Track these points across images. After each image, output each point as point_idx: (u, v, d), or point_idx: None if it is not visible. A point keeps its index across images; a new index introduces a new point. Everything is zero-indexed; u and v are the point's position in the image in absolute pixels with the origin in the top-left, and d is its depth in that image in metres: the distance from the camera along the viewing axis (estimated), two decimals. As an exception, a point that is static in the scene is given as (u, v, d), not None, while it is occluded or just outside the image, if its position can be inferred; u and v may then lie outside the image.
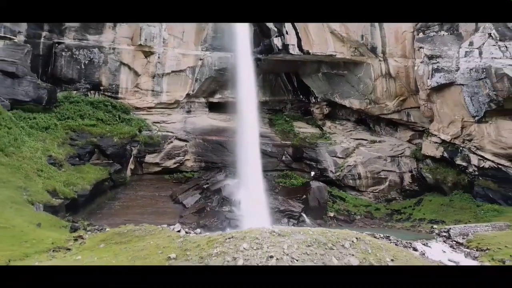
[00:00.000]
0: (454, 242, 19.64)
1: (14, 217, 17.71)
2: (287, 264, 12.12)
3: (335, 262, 12.40)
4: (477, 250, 18.27)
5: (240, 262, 11.89)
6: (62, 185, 23.61)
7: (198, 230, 19.76)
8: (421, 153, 32.22)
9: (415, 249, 17.84)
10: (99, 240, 16.61)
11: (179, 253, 13.67)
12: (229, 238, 13.75)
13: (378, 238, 17.64)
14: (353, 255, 12.99)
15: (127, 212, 26.20)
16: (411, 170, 32.94)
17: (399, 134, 35.03)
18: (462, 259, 17.53)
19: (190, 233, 18.21)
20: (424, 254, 17.51)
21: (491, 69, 25.04)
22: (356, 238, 14.38)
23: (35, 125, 26.29)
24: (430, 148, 31.21)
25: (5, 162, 21.74)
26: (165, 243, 15.24)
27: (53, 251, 15.13)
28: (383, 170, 32.95)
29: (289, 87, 39.41)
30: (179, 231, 18.09)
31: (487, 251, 17.93)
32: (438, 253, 17.91)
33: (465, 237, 20.05)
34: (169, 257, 13.47)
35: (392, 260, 13.35)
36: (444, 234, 20.71)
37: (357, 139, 35.04)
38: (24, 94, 27.00)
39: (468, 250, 18.47)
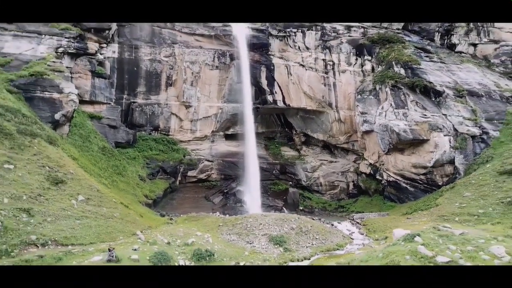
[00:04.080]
0: (355, 222, 38.74)
1: (139, 209, 36.86)
2: (267, 228, 31.13)
3: (286, 225, 31.47)
4: (362, 225, 37.37)
5: (249, 225, 31.02)
6: (148, 192, 42.87)
7: (227, 216, 38.78)
8: (359, 170, 51.23)
9: (332, 225, 36.92)
10: (183, 220, 35.87)
11: (223, 224, 32.81)
12: (244, 217, 33.01)
13: (314, 219, 36.85)
14: (294, 223, 32.11)
15: (182, 207, 45.13)
16: (353, 180, 52.05)
17: (348, 157, 53.97)
18: (354, 229, 36.50)
19: (224, 216, 37.37)
20: (336, 227, 36.53)
21: (388, 126, 43.83)
22: (298, 217, 33.62)
23: (129, 157, 45.35)
24: (364, 167, 50.23)
25: (122, 180, 40.86)
26: (215, 220, 34.48)
27: (166, 223, 34.33)
28: (336, 180, 52.16)
29: (278, 122, 58.30)
30: (219, 215, 37.36)
31: (366, 225, 37.01)
32: (343, 226, 36.91)
33: (361, 219, 39.12)
34: (219, 225, 32.61)
35: (311, 226, 32.42)
36: (351, 218, 39.94)
37: (321, 159, 54.08)
38: (121, 138, 46.13)
39: (358, 225, 37.57)
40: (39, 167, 28.82)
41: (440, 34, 53.50)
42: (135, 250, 23.99)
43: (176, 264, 23.79)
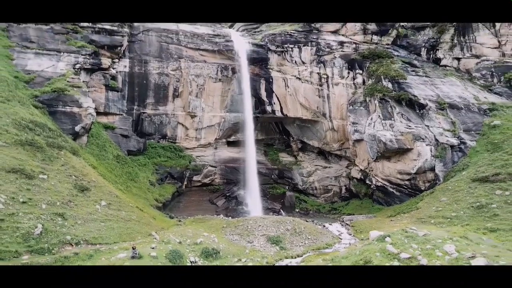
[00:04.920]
0: (344, 223, 43.06)
1: (152, 212, 41.19)
2: (265, 229, 35.48)
3: (282, 227, 35.80)
4: (350, 226, 41.69)
5: (249, 227, 35.38)
6: (158, 196, 47.23)
7: (230, 218, 43.12)
8: (351, 175, 55.56)
9: (323, 226, 41.24)
10: (191, 221, 40.23)
11: (226, 225, 37.13)
12: (245, 220, 37.36)
13: (307, 221, 41.19)
14: (289, 225, 36.44)
15: (188, 209, 49.50)
16: (345, 185, 56.41)
17: (341, 163, 58.32)
18: (343, 230, 40.79)
19: (228, 218, 41.70)
20: (327, 228, 40.85)
21: (376, 136, 48.12)
22: (293, 220, 37.97)
23: (140, 163, 49.70)
24: (355, 172, 54.57)
25: (135, 185, 45.25)
26: (219, 222, 38.83)
27: (176, 225, 38.67)
28: (329, 185, 56.51)
29: (277, 130, 62.63)
30: (222, 217, 41.69)
31: (354, 226, 41.33)
32: (333, 228, 41.22)
33: (350, 221, 43.44)
34: (223, 226, 36.96)
35: (304, 228, 36.75)
36: (341, 219, 44.27)
37: (316, 165, 58.44)
38: (132, 146, 50.51)
39: (348, 226, 41.89)
40: (67, 176, 33.17)
41: (426, 49, 57.75)
42: (153, 248, 28.33)
43: (188, 260, 28.15)
